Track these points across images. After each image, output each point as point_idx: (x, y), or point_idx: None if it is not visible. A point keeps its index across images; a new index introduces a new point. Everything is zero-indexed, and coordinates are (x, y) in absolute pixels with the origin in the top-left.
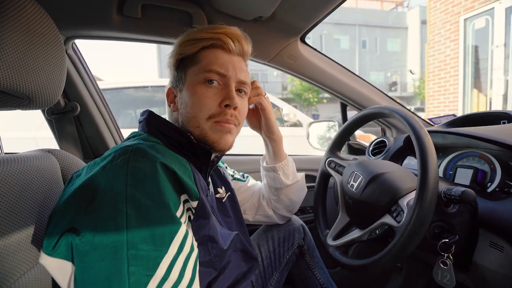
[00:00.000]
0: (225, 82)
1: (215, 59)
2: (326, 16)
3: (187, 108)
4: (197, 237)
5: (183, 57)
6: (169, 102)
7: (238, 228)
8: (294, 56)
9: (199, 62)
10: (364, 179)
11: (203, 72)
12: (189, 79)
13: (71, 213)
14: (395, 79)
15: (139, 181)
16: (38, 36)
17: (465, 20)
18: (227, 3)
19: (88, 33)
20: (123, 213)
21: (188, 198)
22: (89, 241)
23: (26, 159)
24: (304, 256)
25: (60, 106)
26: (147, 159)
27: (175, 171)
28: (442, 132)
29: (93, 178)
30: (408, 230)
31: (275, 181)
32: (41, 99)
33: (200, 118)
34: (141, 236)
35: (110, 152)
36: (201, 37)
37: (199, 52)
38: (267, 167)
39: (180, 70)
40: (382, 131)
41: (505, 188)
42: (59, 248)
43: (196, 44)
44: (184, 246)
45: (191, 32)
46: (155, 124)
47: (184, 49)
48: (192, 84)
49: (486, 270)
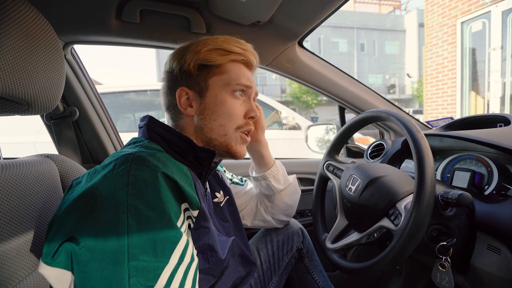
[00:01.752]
0: (248, 95)
1: (242, 73)
2: (324, 20)
3: (214, 116)
4: (197, 245)
5: (207, 64)
6: (182, 104)
7: (236, 232)
8: (292, 60)
9: (226, 73)
10: (362, 183)
11: (233, 84)
12: (215, 87)
13: (71, 222)
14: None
15: (140, 191)
16: (37, 41)
17: (462, 23)
18: (225, 8)
19: (87, 38)
20: (124, 223)
21: (188, 206)
22: (89, 250)
23: (25, 165)
24: (303, 260)
25: (59, 111)
26: (148, 168)
27: (176, 181)
28: (440, 135)
29: (94, 187)
30: (406, 233)
31: (267, 188)
32: (40, 104)
33: (229, 127)
34: (142, 247)
35: (110, 160)
36: (232, 50)
37: (227, 64)
38: (257, 177)
39: (201, 75)
40: (380, 134)
41: (502, 191)
42: (58, 257)
43: (226, 55)
44: (185, 257)
45: (216, 41)
46: (156, 130)
47: (211, 57)
48: (220, 93)
49: (483, 273)
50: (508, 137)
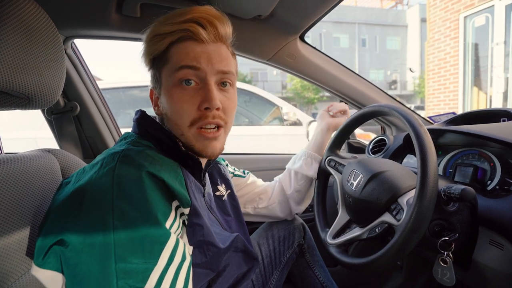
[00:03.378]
0: (202, 78)
1: (185, 54)
2: (325, 14)
3: (168, 115)
4: (193, 241)
5: (154, 56)
6: (154, 104)
7: (238, 226)
8: (293, 54)
9: (170, 60)
10: (364, 178)
11: (174, 72)
12: (164, 81)
13: (59, 225)
14: (394, 78)
15: (125, 192)
16: (37, 36)
17: (465, 18)
18: (225, 2)
19: (87, 33)
20: (110, 225)
21: (179, 204)
22: (77, 253)
23: (26, 159)
24: (304, 255)
25: (59, 106)
26: (133, 168)
27: (163, 179)
28: (442, 130)
29: (80, 189)
30: (408, 228)
31: (310, 168)
32: (40, 99)
33: (182, 125)
34: (129, 249)
35: (98, 159)
36: (166, 31)
37: (168, 49)
38: (312, 154)
39: (154, 70)
40: (382, 129)
41: (505, 186)
42: (48, 260)
43: (163, 40)
44: (175, 257)
45: (157, 24)
46: (146, 126)
47: (153, 47)
48: (167, 87)
49: (486, 268)
50: (511, 132)
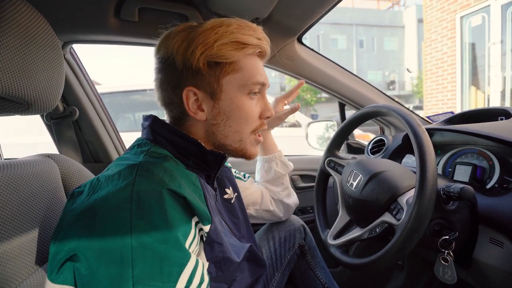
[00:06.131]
0: (262, 91)
1: (256, 69)
2: (322, 16)
3: (229, 122)
4: (210, 257)
5: (215, 60)
6: (191, 107)
7: (246, 229)
8: (291, 56)
9: (241, 71)
10: (363, 178)
11: (249, 85)
12: (229, 88)
13: (73, 240)
14: (393, 78)
15: (145, 211)
16: (35, 41)
17: (461, 18)
18: (223, 5)
19: (86, 38)
20: (128, 246)
21: (199, 220)
22: (92, 271)
23: (26, 164)
24: (305, 256)
25: (59, 111)
26: (153, 184)
27: (185, 197)
28: (440, 129)
29: (96, 204)
30: (408, 227)
31: (269, 171)
32: (39, 104)
33: (244, 132)
34: (147, 271)
35: (114, 172)
36: (248, 42)
37: (241, 59)
38: (266, 158)
39: (212, 73)
40: (381, 129)
41: (504, 184)
42: (62, 275)
43: (243, 50)
44: (194, 278)
45: (228, 29)
46: (161, 132)
47: (226, 53)
48: (234, 96)
49: (486, 266)
50: (509, 130)
